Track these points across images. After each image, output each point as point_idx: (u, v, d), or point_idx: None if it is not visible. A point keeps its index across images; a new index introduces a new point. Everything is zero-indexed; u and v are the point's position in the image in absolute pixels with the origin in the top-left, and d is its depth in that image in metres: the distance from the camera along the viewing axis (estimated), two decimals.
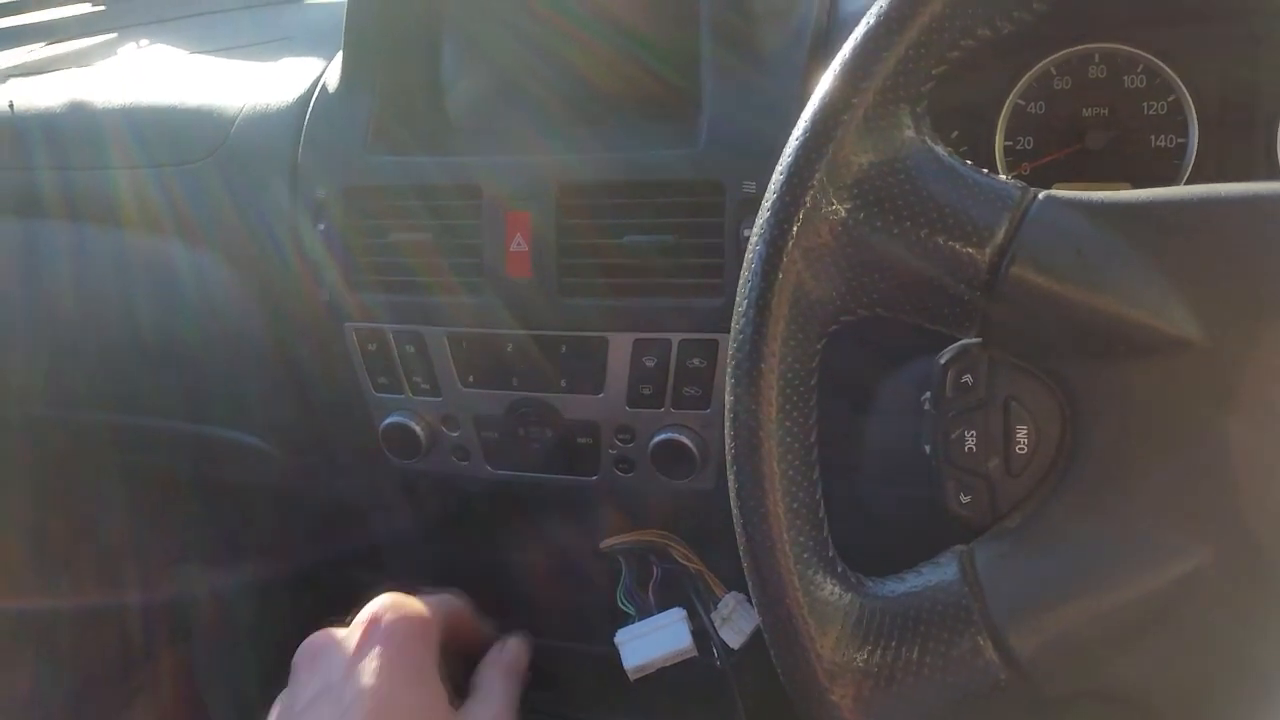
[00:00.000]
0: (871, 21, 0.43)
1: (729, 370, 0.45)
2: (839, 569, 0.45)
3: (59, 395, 1.04)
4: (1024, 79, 0.78)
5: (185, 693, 1.44)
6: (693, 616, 0.81)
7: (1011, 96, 0.79)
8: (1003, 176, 0.44)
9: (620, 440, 0.79)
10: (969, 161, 0.44)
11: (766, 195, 0.45)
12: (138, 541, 1.36)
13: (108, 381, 1.00)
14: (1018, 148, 0.79)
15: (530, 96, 0.83)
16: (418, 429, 0.82)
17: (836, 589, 0.45)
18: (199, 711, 1.43)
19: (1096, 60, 0.77)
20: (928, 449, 0.47)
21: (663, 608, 0.82)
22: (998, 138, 0.79)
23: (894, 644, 0.44)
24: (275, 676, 1.39)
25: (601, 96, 0.81)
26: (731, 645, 0.80)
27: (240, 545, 1.35)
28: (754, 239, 0.45)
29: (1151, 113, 0.77)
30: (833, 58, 0.44)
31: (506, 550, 0.95)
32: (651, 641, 0.79)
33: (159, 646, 1.44)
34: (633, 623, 0.81)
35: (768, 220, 0.44)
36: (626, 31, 0.80)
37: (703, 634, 0.81)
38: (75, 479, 1.25)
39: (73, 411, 1.05)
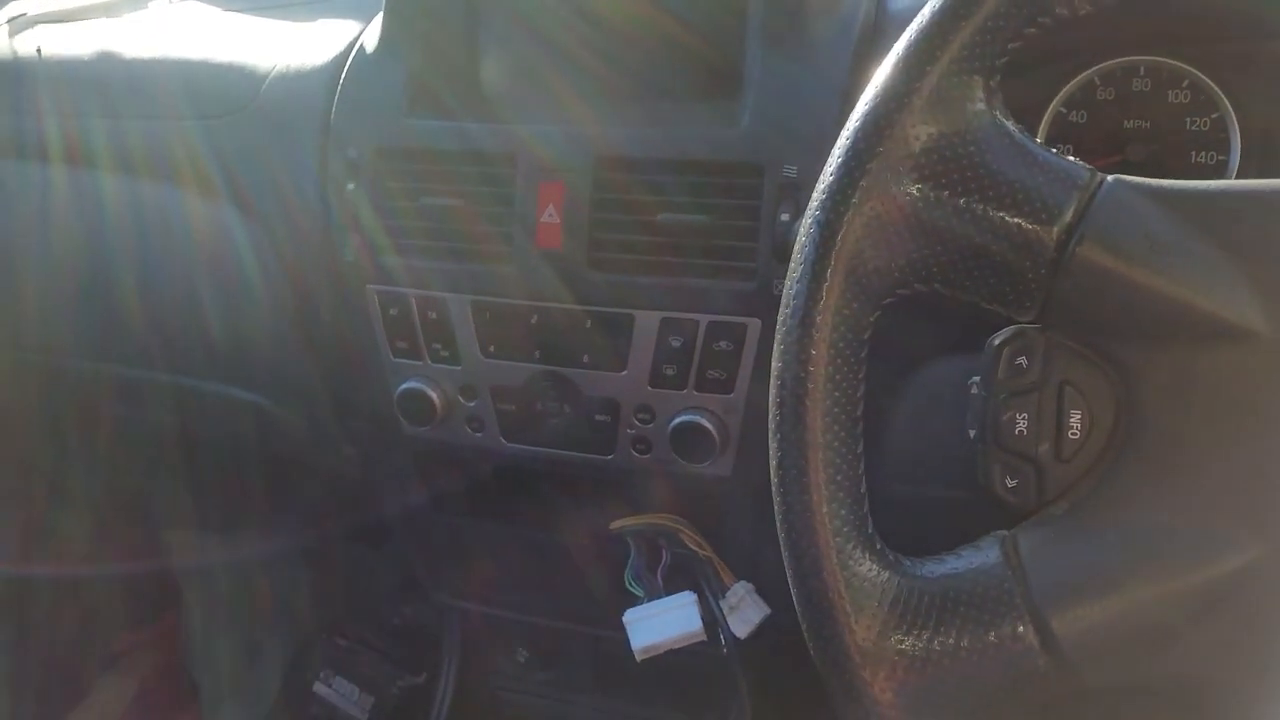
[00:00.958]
0: None
1: (778, 334, 0.44)
2: (878, 546, 0.44)
3: (66, 344, 1.03)
4: (1067, 87, 0.78)
5: (169, 660, 1.43)
6: (700, 604, 0.80)
7: (1054, 104, 0.78)
8: (1073, 158, 0.43)
9: (639, 420, 0.78)
10: (1039, 140, 0.43)
11: (829, 161, 0.44)
12: (133, 504, 1.35)
13: (116, 333, 0.99)
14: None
15: (570, 68, 0.82)
16: (434, 396, 0.81)
17: (875, 566, 0.44)
18: (185, 681, 1.41)
19: (1141, 73, 0.77)
20: (973, 433, 0.46)
21: (670, 593, 0.81)
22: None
23: (931, 626, 0.43)
24: (264, 650, 1.38)
25: (643, 73, 0.80)
26: (738, 635, 0.79)
27: (239, 514, 1.34)
28: (813, 205, 0.44)
29: (1194, 128, 0.76)
30: (880, 52, 0.44)
31: (514, 527, 0.94)
32: (661, 623, 0.78)
33: (145, 614, 1.43)
34: (642, 604, 0.80)
35: (830, 186, 0.43)
36: (672, 10, 0.79)
37: (710, 622, 0.80)
38: (70, 433, 1.24)
39: (79, 361, 1.04)
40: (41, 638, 1.34)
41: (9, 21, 1.09)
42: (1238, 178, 0.76)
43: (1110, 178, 0.42)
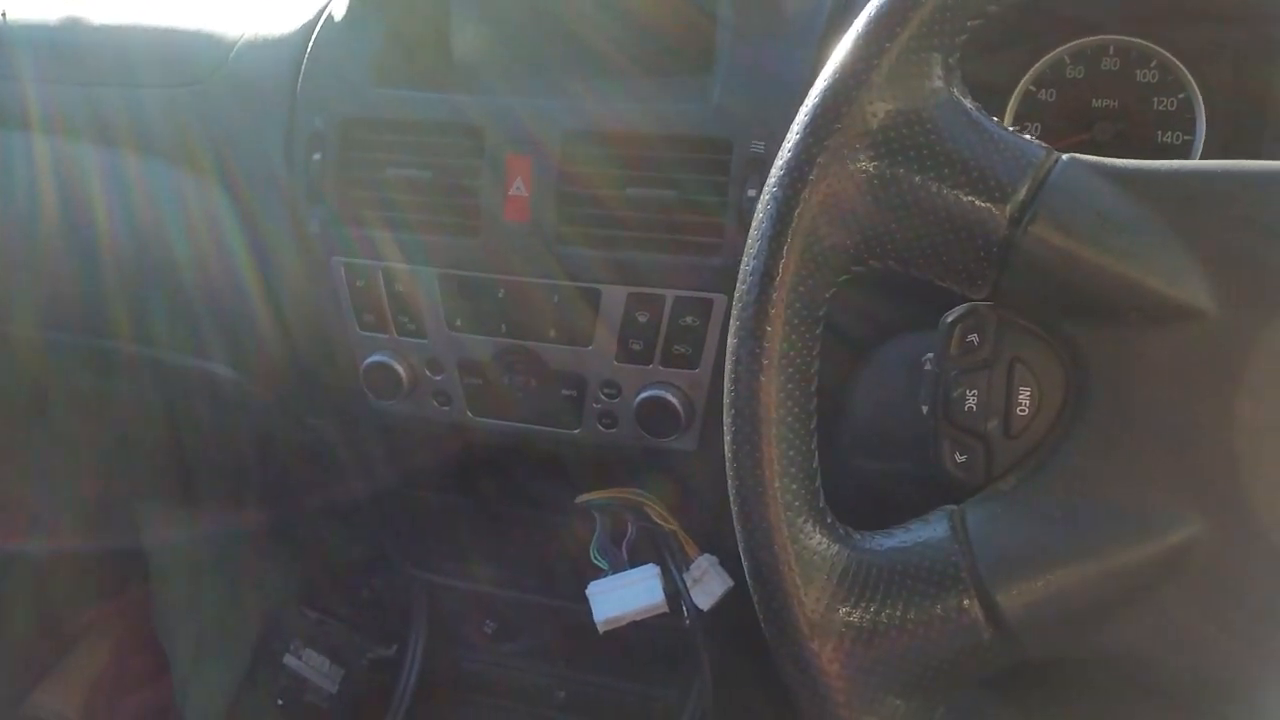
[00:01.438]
0: None
1: (734, 310, 0.44)
2: (828, 520, 0.45)
3: (32, 314, 1.02)
4: (1037, 65, 0.78)
5: (142, 634, 1.43)
6: (665, 576, 0.81)
7: (1024, 81, 0.79)
8: (1028, 136, 0.44)
9: (606, 394, 0.78)
10: (995, 119, 0.44)
11: (787, 138, 0.44)
12: (100, 478, 1.34)
13: (81, 302, 0.98)
14: (1025, 133, 0.79)
15: (540, 42, 0.82)
16: (400, 370, 0.81)
17: (824, 539, 0.44)
18: (156, 653, 1.41)
19: (1111, 52, 0.77)
20: (925, 408, 0.46)
21: (636, 565, 0.82)
22: (1006, 121, 0.79)
23: (879, 598, 0.43)
24: (234, 622, 1.38)
25: (614, 47, 0.80)
26: (702, 607, 0.80)
27: (209, 488, 1.33)
28: (770, 182, 0.44)
29: (1161, 108, 0.77)
30: (849, 29, 0.44)
31: (481, 501, 0.95)
32: (624, 595, 0.79)
33: (116, 586, 1.43)
34: (606, 576, 0.81)
35: (786, 163, 0.43)
36: None
37: (674, 594, 0.81)
38: (43, 406, 1.23)
39: (45, 333, 1.03)
40: (11, 611, 1.33)
41: None
42: (1202, 158, 0.76)
43: (1065, 156, 0.42)
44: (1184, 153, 0.77)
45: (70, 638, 1.39)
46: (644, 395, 0.76)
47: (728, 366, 0.45)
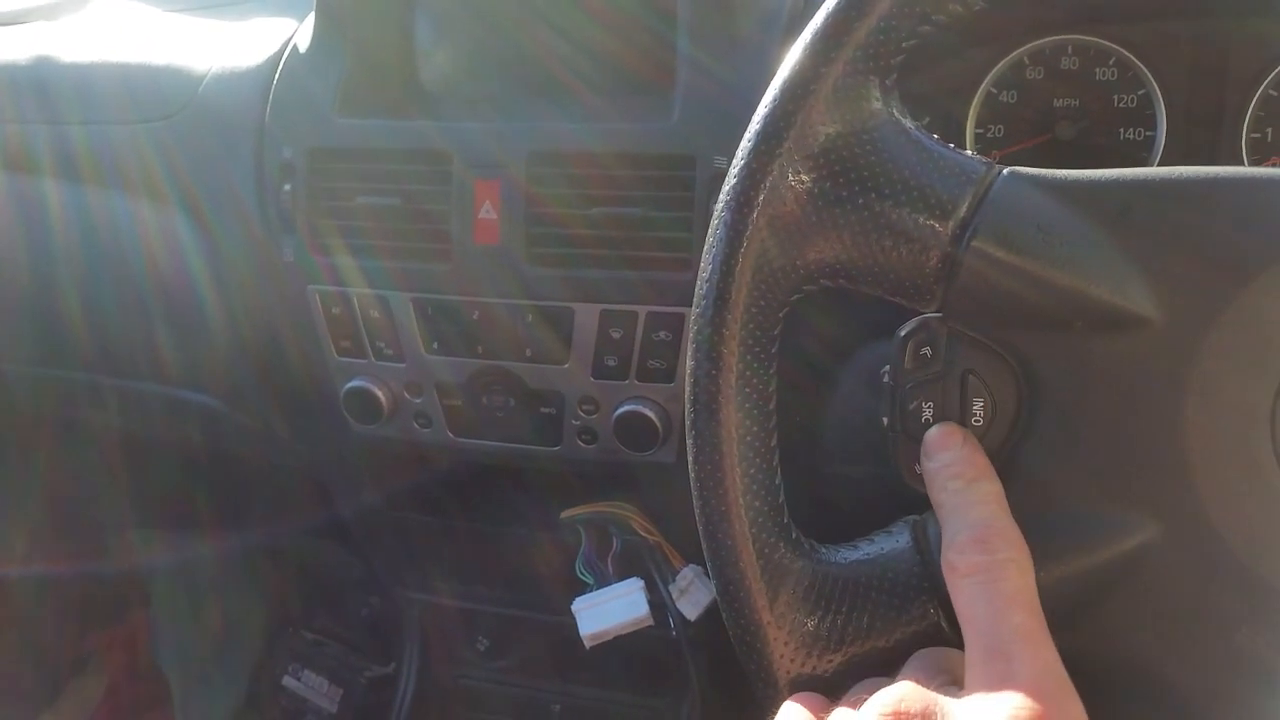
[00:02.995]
0: None
1: (691, 334, 0.45)
2: (793, 535, 0.46)
3: (15, 350, 1.03)
4: (997, 67, 0.79)
5: (141, 661, 1.43)
6: (651, 588, 0.82)
7: (984, 84, 0.79)
8: (969, 152, 0.44)
9: (584, 411, 0.79)
10: (935, 136, 0.44)
11: (734, 162, 0.45)
12: (94, 505, 1.35)
13: (64, 338, 0.98)
14: (988, 135, 0.80)
15: (504, 67, 0.83)
16: (380, 394, 0.82)
17: (789, 555, 0.45)
18: (156, 679, 1.42)
19: (1069, 52, 0.78)
20: (885, 420, 0.47)
21: (621, 578, 0.82)
22: (969, 124, 0.80)
23: (844, 610, 0.44)
24: (233, 646, 1.38)
25: (576, 68, 0.80)
26: (688, 617, 0.80)
27: (200, 513, 1.34)
28: (719, 205, 0.45)
29: (1122, 105, 0.78)
30: None
31: (468, 520, 0.95)
32: (608, 610, 0.80)
33: (114, 613, 1.43)
34: (591, 591, 0.82)
35: (734, 187, 0.44)
36: (602, 7, 0.79)
37: (660, 605, 0.81)
38: (29, 438, 1.24)
39: (25, 367, 1.03)
40: (10, 641, 1.34)
41: None
42: (1165, 152, 0.77)
43: (1006, 170, 0.43)
44: (1146, 148, 0.78)
45: (69, 666, 1.39)
46: (621, 410, 0.77)
47: (687, 388, 0.46)
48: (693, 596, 0.81)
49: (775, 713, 0.44)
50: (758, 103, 0.45)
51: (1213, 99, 0.76)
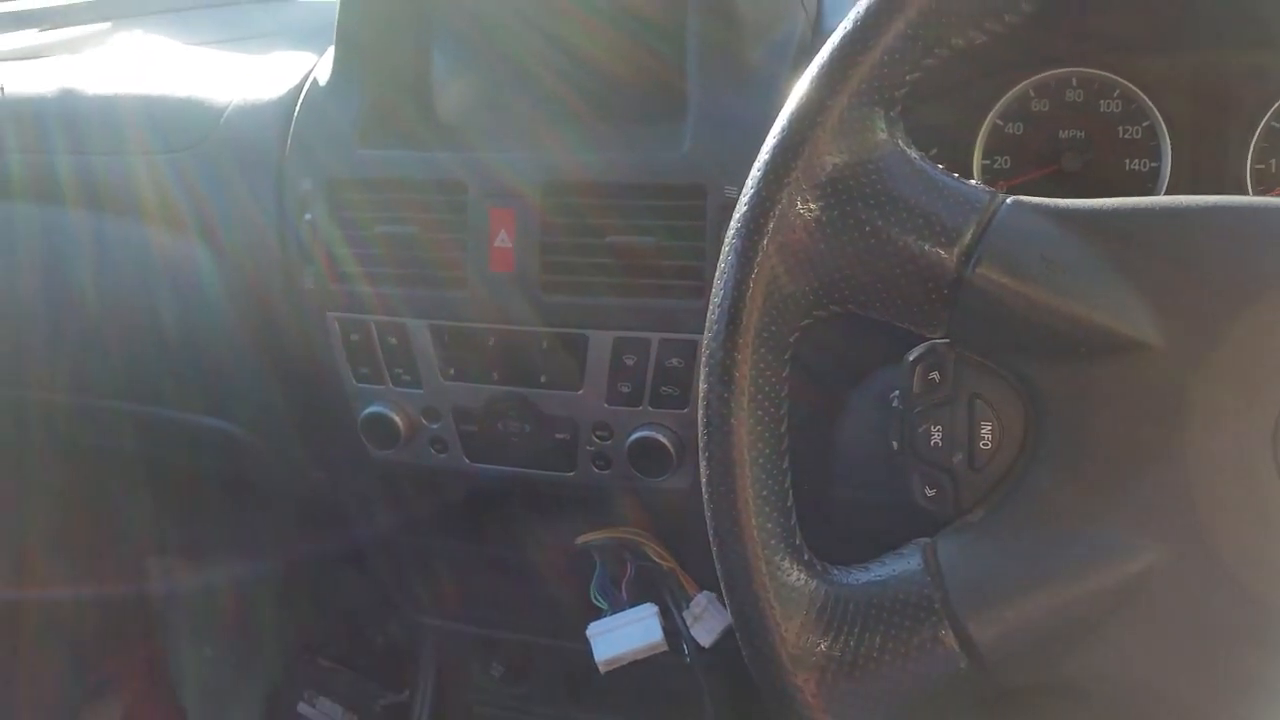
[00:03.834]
0: (848, 27, 0.44)
1: (703, 359, 0.46)
2: (805, 556, 0.46)
3: (29, 377, 1.04)
4: (1003, 100, 0.80)
5: (157, 687, 1.44)
6: (665, 614, 0.82)
7: (990, 116, 0.80)
8: (973, 181, 0.46)
9: (598, 437, 0.80)
10: (940, 166, 0.46)
11: (744, 192, 0.46)
12: (113, 531, 1.36)
13: (86, 365, 1.00)
14: (995, 167, 0.81)
15: (518, 98, 0.84)
16: (397, 420, 0.83)
17: (802, 575, 0.46)
18: (171, 706, 1.42)
19: (1074, 84, 0.79)
20: (895, 444, 0.48)
21: (636, 604, 0.83)
22: (975, 156, 0.81)
23: (857, 631, 0.45)
24: (249, 673, 1.39)
25: (590, 99, 0.82)
26: (702, 644, 0.81)
27: (218, 540, 1.35)
28: (730, 234, 0.46)
29: (1126, 137, 0.79)
30: None
31: (483, 546, 0.96)
32: (623, 635, 0.80)
33: (130, 640, 1.44)
34: (605, 616, 0.82)
35: (744, 216, 0.45)
36: (614, 39, 0.81)
37: (674, 632, 0.82)
38: (47, 466, 1.25)
39: (47, 394, 1.05)
40: (26, 667, 1.34)
41: None
42: (1170, 183, 0.78)
43: (1010, 199, 0.44)
44: (1151, 179, 0.78)
45: (87, 693, 1.40)
46: (635, 436, 0.78)
47: (700, 411, 0.47)
48: (707, 623, 0.81)
49: None
50: (767, 133, 0.46)
51: (1217, 131, 0.77)
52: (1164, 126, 0.77)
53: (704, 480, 0.46)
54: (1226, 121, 0.76)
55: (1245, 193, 0.76)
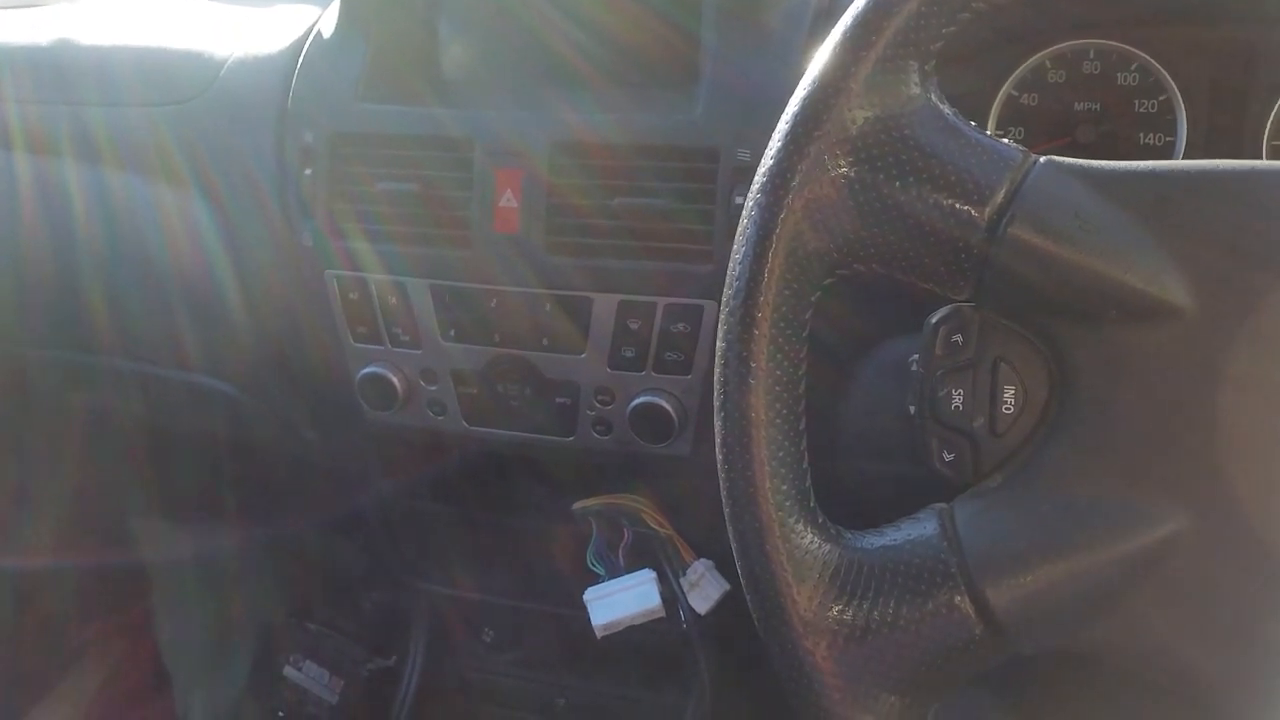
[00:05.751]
0: None
1: (721, 314, 0.45)
2: (819, 519, 0.46)
3: (21, 333, 1.03)
4: (1019, 70, 0.79)
5: (142, 650, 1.43)
6: (662, 581, 0.82)
7: (1006, 86, 0.80)
8: (1006, 140, 0.45)
9: (599, 402, 0.79)
10: (973, 124, 0.45)
11: (770, 145, 0.45)
12: (106, 495, 1.35)
13: (79, 321, 0.98)
14: (1008, 137, 0.80)
15: (528, 54, 0.83)
16: (395, 381, 0.82)
17: (816, 539, 0.45)
18: (157, 669, 1.41)
19: (1091, 56, 0.78)
20: (912, 409, 0.47)
21: (632, 571, 0.82)
22: (990, 126, 0.80)
23: (870, 596, 0.44)
24: (235, 636, 1.38)
25: (601, 59, 0.81)
26: (699, 610, 0.81)
27: (208, 502, 1.34)
28: (754, 189, 0.45)
29: (1142, 110, 0.78)
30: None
31: (478, 511, 0.95)
32: (620, 600, 0.80)
33: (116, 602, 1.43)
34: (602, 582, 0.82)
35: (770, 170, 0.44)
36: (628, 3, 0.80)
37: (671, 599, 0.81)
38: (32, 422, 1.24)
39: (43, 350, 1.03)
40: (9, 628, 1.33)
41: None
42: (1184, 157, 0.77)
43: (1043, 159, 0.43)
44: (1166, 153, 0.78)
45: (70, 654, 1.39)
46: (637, 402, 0.77)
47: (716, 370, 0.46)
48: (703, 590, 0.81)
49: (798, 698, 0.44)
50: (782, 97, 0.45)
51: (1234, 105, 0.76)
52: (1180, 100, 0.76)
53: (718, 440, 0.46)
54: (1244, 96, 0.76)
55: None
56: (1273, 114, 0.75)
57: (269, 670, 1.29)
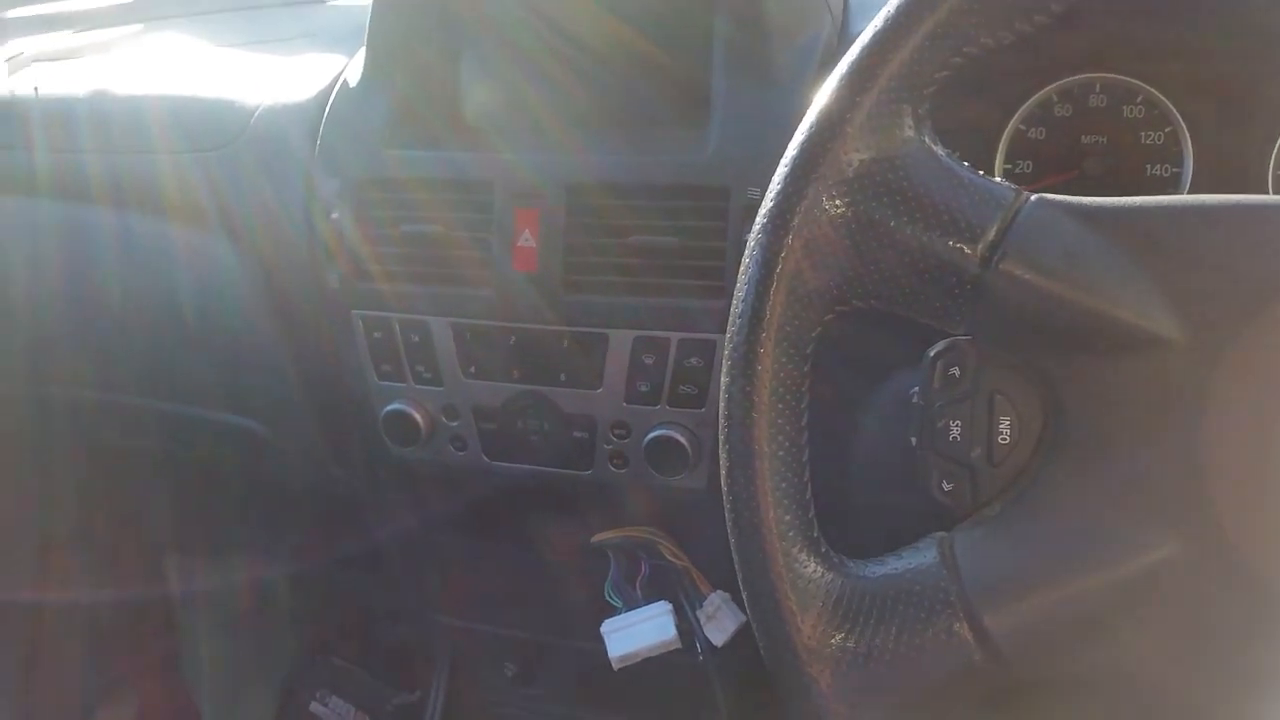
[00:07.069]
0: (879, 24, 0.45)
1: (726, 352, 0.47)
2: (822, 549, 0.47)
3: (53, 374, 1.05)
4: (1026, 104, 0.81)
5: (171, 685, 1.45)
6: (678, 613, 0.82)
7: (1013, 121, 0.81)
8: (998, 179, 0.46)
9: (616, 435, 0.80)
10: (966, 164, 0.46)
11: (770, 188, 0.46)
12: (129, 530, 1.37)
13: (111, 362, 1.01)
14: (1017, 171, 0.82)
15: (545, 97, 0.85)
16: (418, 417, 0.84)
17: (819, 568, 0.46)
18: (185, 704, 1.43)
19: (1097, 89, 0.79)
20: (913, 440, 0.48)
21: (649, 603, 0.83)
22: (998, 160, 0.81)
23: (872, 624, 0.45)
24: (262, 672, 1.39)
25: (616, 100, 0.83)
26: (715, 643, 0.81)
27: (234, 539, 1.36)
28: (755, 229, 0.46)
29: (1149, 142, 0.79)
30: None
31: (498, 545, 0.97)
32: (637, 632, 0.80)
33: (146, 638, 1.45)
34: (620, 614, 0.82)
35: (770, 211, 0.46)
36: (640, 44, 0.82)
37: (687, 631, 0.82)
38: (68, 462, 1.26)
39: (75, 391, 1.06)
40: (43, 664, 1.35)
41: (7, 61, 1.13)
42: (1191, 189, 0.78)
43: (1034, 197, 0.45)
44: (1173, 184, 0.79)
45: (102, 691, 1.40)
46: (652, 435, 0.78)
47: (721, 404, 0.47)
48: (720, 622, 0.82)
49: None
50: (791, 136, 0.47)
51: (1239, 136, 0.77)
52: (1186, 132, 0.77)
53: (723, 472, 0.47)
54: (1248, 127, 0.77)
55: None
56: (1278, 143, 0.76)
57: (295, 706, 1.30)
